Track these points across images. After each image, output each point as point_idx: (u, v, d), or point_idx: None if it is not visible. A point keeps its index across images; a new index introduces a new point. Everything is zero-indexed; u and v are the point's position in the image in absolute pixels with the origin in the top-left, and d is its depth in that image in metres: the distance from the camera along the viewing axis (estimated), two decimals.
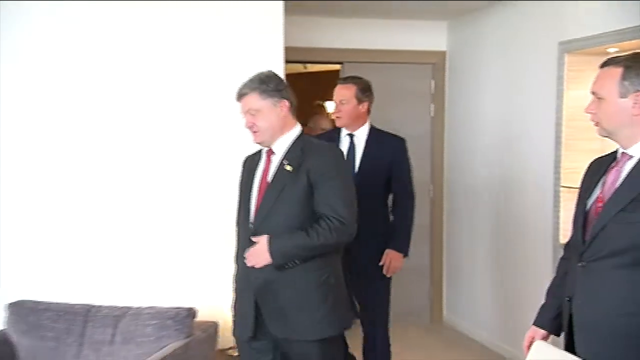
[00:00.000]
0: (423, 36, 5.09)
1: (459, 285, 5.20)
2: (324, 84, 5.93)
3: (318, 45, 4.77)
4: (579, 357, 1.96)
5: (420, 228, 4.97)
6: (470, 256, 5.00)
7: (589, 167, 2.18)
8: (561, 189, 3.78)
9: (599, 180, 2.04)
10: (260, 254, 2.47)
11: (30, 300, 3.05)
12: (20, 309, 3.00)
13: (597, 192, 2.03)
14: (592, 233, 1.96)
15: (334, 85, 3.43)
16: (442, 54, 5.19)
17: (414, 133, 4.98)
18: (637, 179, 1.92)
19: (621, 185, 1.94)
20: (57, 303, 3.04)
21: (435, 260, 5.36)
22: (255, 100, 2.52)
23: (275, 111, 2.53)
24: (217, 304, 3.35)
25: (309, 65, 5.91)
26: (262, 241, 2.47)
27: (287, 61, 3.64)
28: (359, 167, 3.35)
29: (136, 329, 2.88)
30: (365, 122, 3.41)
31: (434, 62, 5.20)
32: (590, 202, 2.04)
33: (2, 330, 3.02)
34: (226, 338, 3.30)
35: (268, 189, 2.55)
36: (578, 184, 2.17)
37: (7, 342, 2.96)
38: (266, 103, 2.52)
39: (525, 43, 4.26)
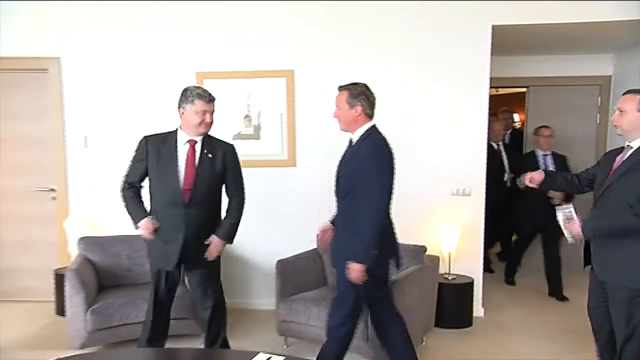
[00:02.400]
0: (593, 65, 4.65)
1: None
2: (512, 101, 5.81)
3: (510, 75, 4.66)
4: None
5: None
6: None
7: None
8: None
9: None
10: None
11: None
12: None
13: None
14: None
15: (520, 102, 3.20)
16: (608, 78, 4.71)
17: (583, 136, 4.69)
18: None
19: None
20: None
21: None
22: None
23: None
24: (438, 244, 3.52)
25: (500, 89, 5.78)
26: None
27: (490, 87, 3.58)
28: (340, 172, 2.41)
29: None
30: (360, 126, 2.36)
31: (601, 84, 4.75)
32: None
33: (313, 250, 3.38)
34: (443, 267, 3.47)
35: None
36: None
37: (318, 254, 3.32)
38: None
39: None
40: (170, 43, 3.71)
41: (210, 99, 2.50)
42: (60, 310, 3.56)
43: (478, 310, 3.63)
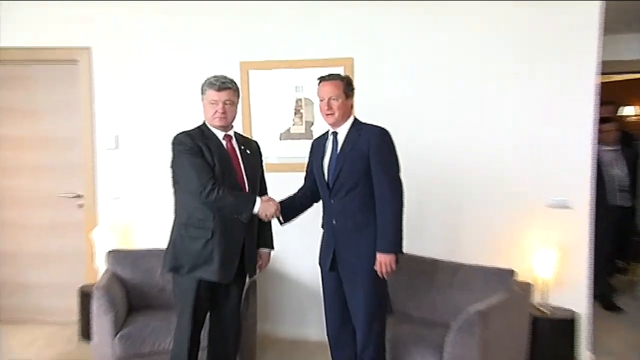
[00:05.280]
0: None
1: None
2: (624, 91, 5.59)
3: (624, 58, 4.53)
4: None
5: None
6: None
7: None
8: None
9: None
10: None
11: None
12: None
13: None
14: None
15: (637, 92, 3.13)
16: None
17: None
18: None
19: None
20: (410, 254, 3.17)
21: None
22: (233, 94, 2.67)
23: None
24: (530, 268, 3.46)
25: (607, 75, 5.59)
26: None
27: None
28: (336, 169, 2.66)
29: (469, 280, 3.13)
30: (348, 119, 2.70)
31: None
32: None
33: None
34: (537, 297, 3.42)
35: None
36: None
37: None
38: (237, 100, 2.72)
39: None
40: (212, 30, 3.85)
41: (222, 87, 2.62)
42: (85, 334, 3.71)
43: (584, 354, 3.50)
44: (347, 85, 2.68)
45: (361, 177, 2.62)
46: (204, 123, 2.75)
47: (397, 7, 3.65)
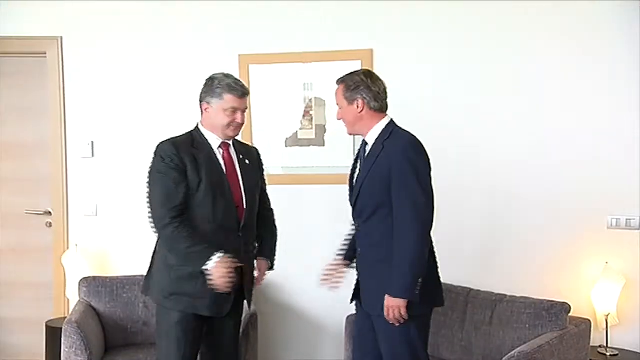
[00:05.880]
0: None
1: None
2: None
3: None
4: None
5: None
6: None
7: None
8: None
9: None
10: None
11: None
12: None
13: None
14: None
15: None
16: None
17: None
18: None
19: None
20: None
21: None
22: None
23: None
24: (588, 301, 3.41)
25: None
26: None
27: None
28: (357, 187, 2.59)
29: (512, 315, 3.06)
30: (371, 124, 2.55)
31: None
32: None
33: None
34: (597, 336, 3.34)
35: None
36: None
37: None
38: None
39: None
40: (206, 17, 3.83)
41: (243, 93, 2.60)
42: None
43: None
44: (347, 89, 2.54)
45: (385, 199, 2.46)
46: (197, 128, 2.70)
47: None
